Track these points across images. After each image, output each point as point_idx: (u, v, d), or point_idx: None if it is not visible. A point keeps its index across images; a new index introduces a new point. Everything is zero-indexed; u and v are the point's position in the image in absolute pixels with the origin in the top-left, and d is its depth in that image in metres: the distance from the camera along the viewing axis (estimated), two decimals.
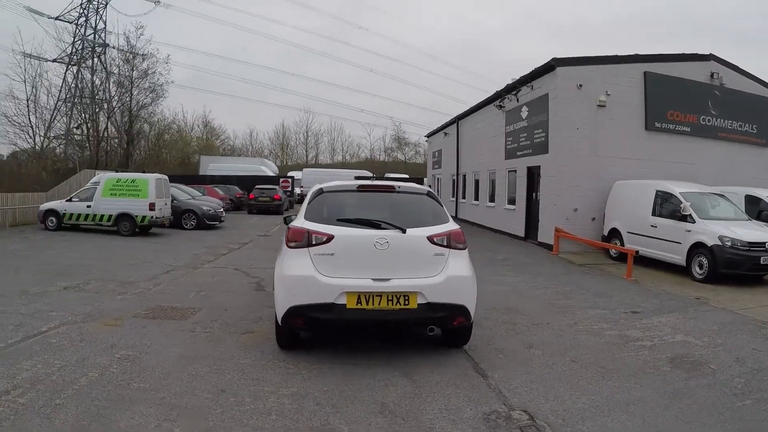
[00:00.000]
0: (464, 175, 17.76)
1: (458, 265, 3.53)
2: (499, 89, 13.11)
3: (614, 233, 9.10)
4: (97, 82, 25.89)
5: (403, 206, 3.82)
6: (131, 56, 25.62)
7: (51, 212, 11.93)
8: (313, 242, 3.40)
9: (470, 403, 2.87)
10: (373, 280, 3.32)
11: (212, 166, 26.35)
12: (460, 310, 3.49)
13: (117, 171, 15.23)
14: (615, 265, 8.43)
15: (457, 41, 64.54)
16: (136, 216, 11.22)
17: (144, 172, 13.30)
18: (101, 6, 26.62)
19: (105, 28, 26.87)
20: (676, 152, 10.29)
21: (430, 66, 74.08)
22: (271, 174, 25.99)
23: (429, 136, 25.17)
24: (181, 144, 34.36)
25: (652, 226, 8.12)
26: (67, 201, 12.05)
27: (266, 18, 67.74)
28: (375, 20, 62.38)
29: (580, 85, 9.93)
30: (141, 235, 11.29)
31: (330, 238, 3.40)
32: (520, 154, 12.09)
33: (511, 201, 12.81)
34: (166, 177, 12.75)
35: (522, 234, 11.89)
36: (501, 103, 12.96)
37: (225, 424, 2.53)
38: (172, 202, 12.70)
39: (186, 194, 14.49)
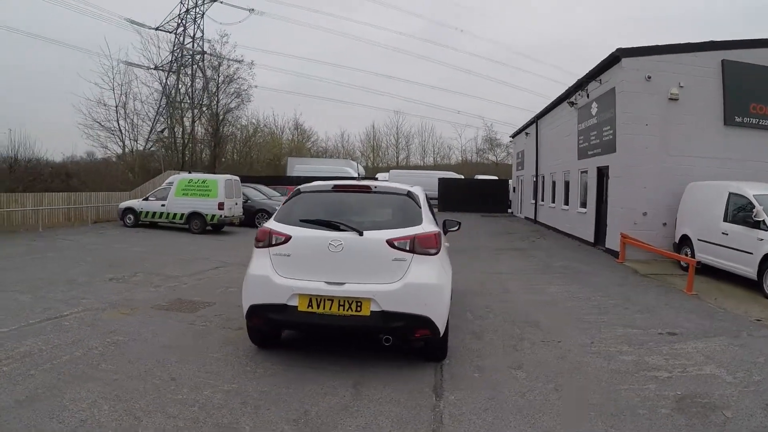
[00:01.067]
0: (543, 177, 16.88)
1: (422, 271, 3.30)
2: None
3: (685, 240, 7.94)
4: (198, 87, 28.26)
5: (377, 207, 3.73)
6: (217, 63, 28.08)
7: (129, 210, 13.50)
8: (273, 242, 3.47)
9: (396, 424, 2.65)
10: (327, 283, 3.27)
11: (298, 167, 27.47)
12: (422, 322, 3.25)
13: (189, 172, 16.76)
14: (683, 276, 7.27)
15: (552, 39, 61.22)
16: (206, 215, 12.31)
17: (229, 174, 14.54)
18: (198, 16, 29.40)
19: (203, 36, 29.57)
20: (761, 150, 8.90)
21: (525, 64, 71.30)
22: (355, 175, 26.51)
23: (513, 136, 24.28)
24: (271, 146, 36.14)
25: (723, 233, 6.95)
26: (144, 200, 13.56)
27: (358, 21, 69.88)
28: (470, 20, 61.69)
29: (649, 77, 9.05)
30: (211, 233, 12.39)
31: (287, 238, 3.44)
32: (591, 154, 11.26)
33: (583, 204, 11.98)
34: (237, 178, 13.81)
35: (591, 239, 11.11)
36: (573, 100, 12.23)
37: (148, 408, 2.72)
38: (245, 202, 13.73)
39: (261, 194, 15.57)
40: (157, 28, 28.14)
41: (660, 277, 7.45)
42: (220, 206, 12.29)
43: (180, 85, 26.76)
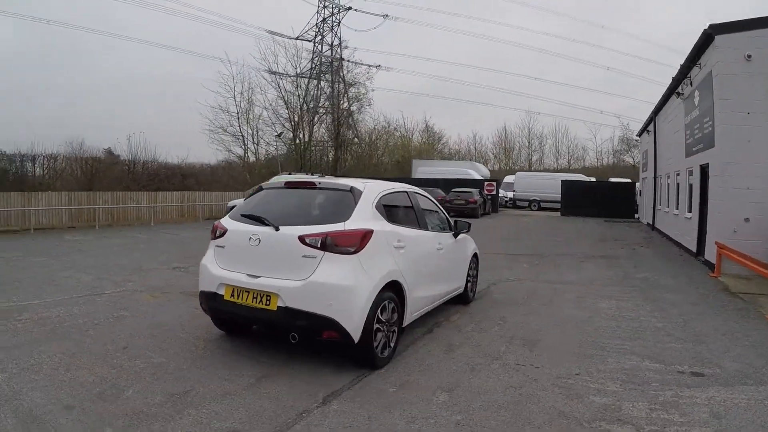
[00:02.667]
0: (660, 178, 15.04)
1: (331, 270, 3.24)
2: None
3: None
4: (326, 91, 30.60)
5: (316, 203, 3.78)
6: (337, 67, 30.53)
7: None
8: (216, 234, 3.84)
9: (252, 418, 2.68)
10: (247, 275, 3.46)
11: (420, 169, 28.13)
12: (327, 323, 3.20)
13: (289, 173, 18.24)
14: None
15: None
16: None
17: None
18: (335, 24, 32.26)
19: (340, 44, 32.33)
20: None
21: (667, 58, 61.24)
22: (479, 177, 26.10)
23: (639, 134, 21.67)
24: (400, 148, 37.71)
25: None
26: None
27: (490, 21, 69.26)
28: (611, 16, 56.84)
29: (749, 56, 7.53)
30: None
31: (224, 231, 3.76)
32: (695, 150, 9.88)
33: (689, 208, 10.33)
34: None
35: (694, 248, 9.78)
36: (680, 90, 10.50)
37: (83, 363, 3.39)
38: None
39: None
40: (297, 38, 30.93)
41: (752, 298, 6.02)
42: None
43: (306, 91, 28.83)
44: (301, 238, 3.31)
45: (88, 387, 3.00)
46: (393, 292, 3.64)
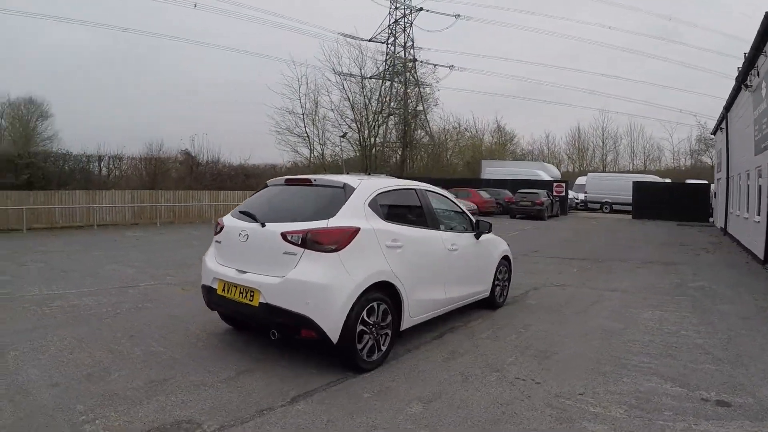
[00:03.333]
0: (731, 179, 13.89)
1: (310, 268, 3.24)
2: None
3: None
4: (394, 92, 31.22)
5: (310, 199, 3.82)
6: (411, 68, 31.13)
7: None
8: (216, 230, 4.02)
9: (216, 410, 2.76)
10: (237, 271, 3.58)
11: (488, 170, 28.39)
12: (305, 322, 3.20)
13: (347, 173, 18.67)
14: None
15: None
16: None
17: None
18: (407, 25, 33.42)
19: (413, 45, 33.50)
20: None
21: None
22: (548, 178, 26.01)
23: (714, 132, 20.37)
24: (470, 149, 37.79)
25: None
26: None
27: (566, 18, 67.85)
28: (690, 11, 52.59)
29: None
30: None
31: (222, 227, 3.92)
32: (764, 147, 9.29)
33: (759, 210, 9.56)
34: (389, 179, 15.06)
35: (761, 255, 9.01)
36: (748, 82, 9.70)
37: (83, 347, 3.73)
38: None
39: None
40: (370, 40, 32.28)
41: None
42: None
43: (371, 92, 29.59)
44: (283, 235, 3.34)
45: (81, 368, 3.29)
46: (385, 293, 3.55)
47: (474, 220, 5.02)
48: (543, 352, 3.92)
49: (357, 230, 3.39)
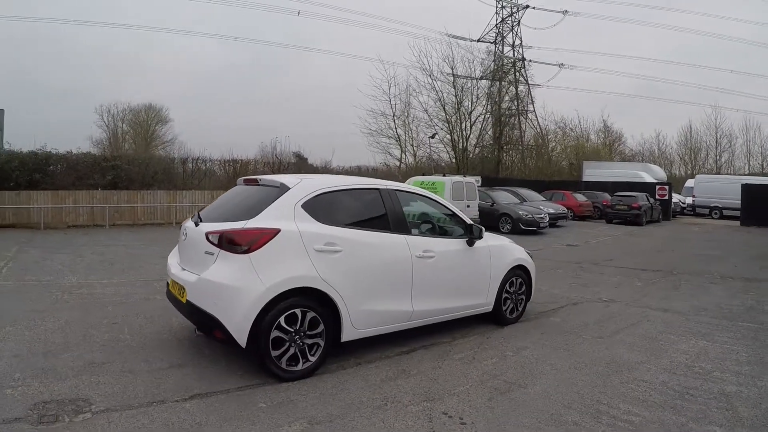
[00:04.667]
0: None
1: (221, 269, 3.40)
2: None
3: None
4: (515, 93, 31.71)
5: (248, 199, 4.00)
6: (512, 68, 31.08)
7: None
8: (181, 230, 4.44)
9: (114, 395, 3.06)
10: (180, 268, 3.91)
11: (588, 171, 28.24)
12: (214, 322, 3.37)
13: (425, 174, 18.41)
14: None
15: None
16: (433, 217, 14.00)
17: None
18: (515, 24, 33.94)
19: (521, 44, 33.99)
20: None
21: None
22: (651, 180, 25.11)
23: None
24: (573, 149, 37.24)
25: None
26: None
27: (679, 10, 60.97)
28: None
29: None
30: None
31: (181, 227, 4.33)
32: None
33: None
34: (473, 180, 15.25)
35: None
36: None
37: (65, 328, 4.42)
38: (490, 205, 15.12)
39: (515, 199, 16.59)
40: (478, 40, 33.10)
41: None
42: None
43: (462, 91, 29.84)
44: (207, 235, 3.54)
45: (47, 346, 3.93)
46: (315, 300, 3.54)
47: (470, 225, 4.73)
48: (509, 384, 3.50)
49: (275, 232, 3.44)
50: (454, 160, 28.53)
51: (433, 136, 27.41)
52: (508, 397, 3.30)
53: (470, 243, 4.64)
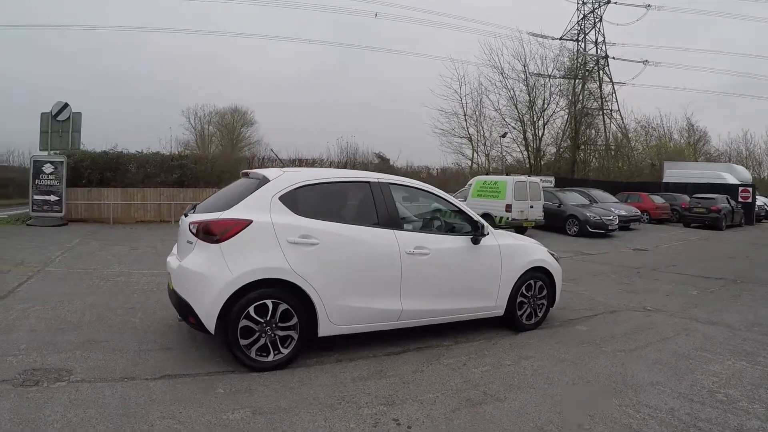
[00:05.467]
0: None
1: (197, 257, 3.66)
2: None
3: None
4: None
5: (234, 191, 4.24)
6: (594, 66, 30.49)
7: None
8: None
9: (92, 369, 3.39)
10: (176, 258, 4.20)
11: (668, 172, 27.75)
12: (187, 307, 3.62)
13: (487, 173, 18.73)
14: None
15: None
16: (495, 216, 13.66)
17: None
18: (597, 20, 33.48)
19: (604, 40, 33.39)
20: None
21: None
22: (734, 182, 23.99)
23: None
24: (654, 149, 36.43)
25: None
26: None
27: None
28: None
29: None
30: None
31: None
32: None
33: None
34: (537, 180, 15.07)
35: None
36: None
37: (85, 310, 4.92)
38: (557, 206, 14.90)
39: (583, 200, 16.24)
40: (560, 38, 33.16)
41: None
42: (508, 208, 13.40)
43: (534, 89, 29.64)
44: (189, 225, 3.81)
45: (63, 324, 4.47)
46: (288, 292, 3.65)
47: (478, 222, 4.59)
48: (486, 396, 3.33)
49: (247, 222, 3.61)
50: (527, 160, 28.32)
51: (503, 136, 27.30)
52: (476, 411, 3.13)
53: (475, 241, 4.49)
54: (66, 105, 16.04)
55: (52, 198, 14.01)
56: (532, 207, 13.64)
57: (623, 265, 9.36)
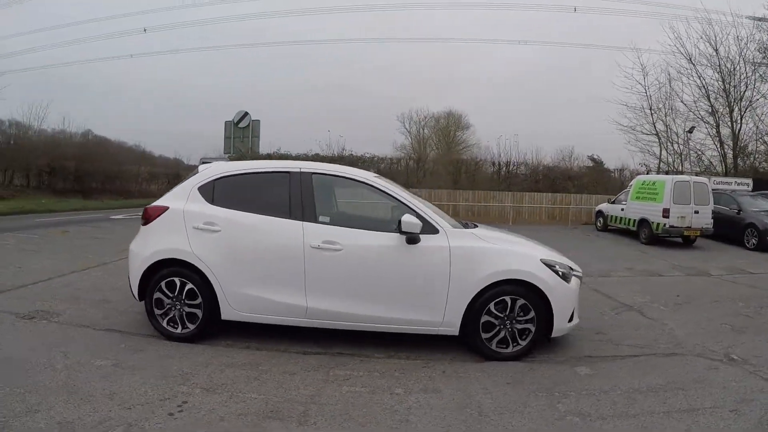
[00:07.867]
0: None
1: (136, 237, 4.74)
2: None
3: None
4: None
5: (182, 181, 5.00)
6: None
7: (599, 213, 15.39)
8: None
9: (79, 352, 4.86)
10: None
11: None
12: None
13: (648, 172, 16.87)
14: None
15: None
16: (652, 223, 12.47)
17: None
18: None
19: None
20: None
21: None
22: None
23: None
24: None
25: None
26: (610, 203, 15.02)
27: None
28: None
29: None
30: (658, 245, 12.65)
31: None
32: None
33: None
34: (705, 180, 13.19)
35: None
36: None
37: (96, 290, 6.29)
38: (736, 213, 13.10)
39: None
40: None
41: None
42: (665, 213, 12.11)
43: (731, 76, 25.23)
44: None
45: (96, 284, 6.24)
46: (194, 274, 4.33)
47: (421, 217, 4.28)
48: (289, 414, 3.16)
49: (164, 209, 4.52)
50: (722, 160, 25.03)
51: (690, 131, 24.89)
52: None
53: (411, 240, 4.20)
54: (246, 114, 20.31)
55: None
56: (697, 212, 12.29)
57: None
